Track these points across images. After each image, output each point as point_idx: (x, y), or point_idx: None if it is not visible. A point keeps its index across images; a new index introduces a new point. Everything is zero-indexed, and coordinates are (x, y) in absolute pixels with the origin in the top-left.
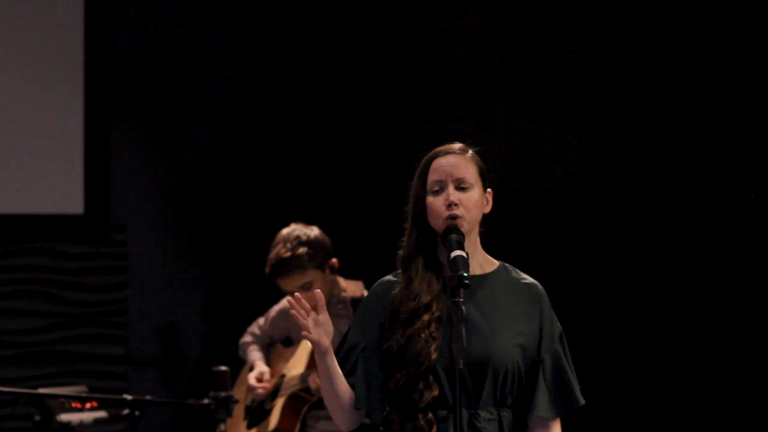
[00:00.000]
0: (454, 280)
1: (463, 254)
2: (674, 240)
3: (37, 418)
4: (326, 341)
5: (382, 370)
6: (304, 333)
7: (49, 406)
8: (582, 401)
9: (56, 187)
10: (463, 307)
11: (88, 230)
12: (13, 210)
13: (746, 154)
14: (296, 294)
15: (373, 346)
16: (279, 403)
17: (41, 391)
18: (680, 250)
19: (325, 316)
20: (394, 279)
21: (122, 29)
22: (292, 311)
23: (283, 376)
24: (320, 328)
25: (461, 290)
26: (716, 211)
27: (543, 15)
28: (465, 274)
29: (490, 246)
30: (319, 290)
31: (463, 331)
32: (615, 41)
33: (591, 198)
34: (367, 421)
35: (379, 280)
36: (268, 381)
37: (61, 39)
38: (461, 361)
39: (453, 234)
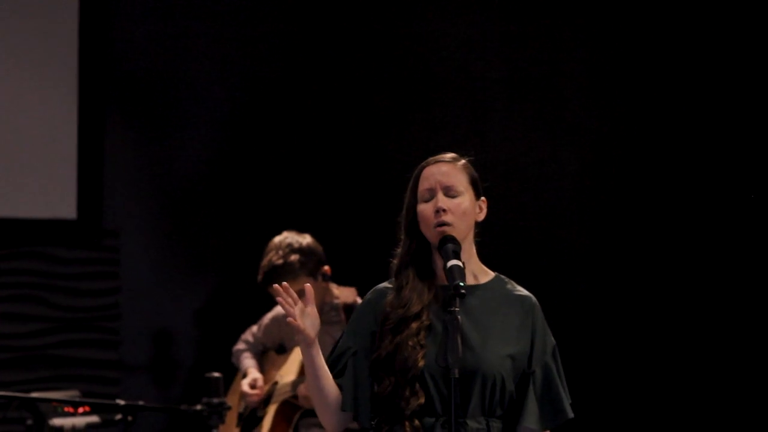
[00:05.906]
0: (450, 289)
1: (460, 264)
2: (672, 249)
3: (30, 422)
4: (312, 333)
5: (372, 377)
6: (290, 319)
7: (41, 411)
8: (571, 415)
9: (49, 191)
10: (459, 317)
11: (81, 235)
12: (6, 214)
13: (745, 161)
14: (284, 283)
15: (363, 353)
16: (271, 410)
17: (34, 395)
18: (679, 259)
19: (312, 309)
20: (389, 286)
21: (117, 34)
22: (279, 298)
23: (276, 383)
24: (307, 319)
25: (457, 299)
26: (715, 220)
27: (540, 23)
28: (461, 284)
29: (483, 255)
30: (308, 284)
31: (459, 340)
32: (612, 50)
33: (587, 207)
34: (353, 425)
35: (374, 288)
36: (261, 388)
37: (55, 43)
38: (456, 371)
39: (449, 243)
